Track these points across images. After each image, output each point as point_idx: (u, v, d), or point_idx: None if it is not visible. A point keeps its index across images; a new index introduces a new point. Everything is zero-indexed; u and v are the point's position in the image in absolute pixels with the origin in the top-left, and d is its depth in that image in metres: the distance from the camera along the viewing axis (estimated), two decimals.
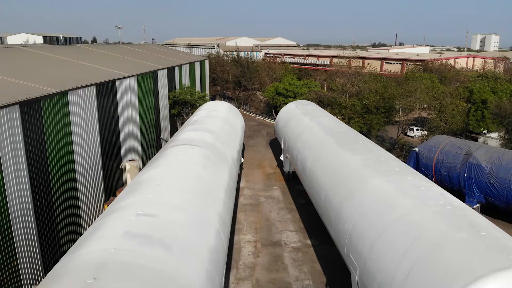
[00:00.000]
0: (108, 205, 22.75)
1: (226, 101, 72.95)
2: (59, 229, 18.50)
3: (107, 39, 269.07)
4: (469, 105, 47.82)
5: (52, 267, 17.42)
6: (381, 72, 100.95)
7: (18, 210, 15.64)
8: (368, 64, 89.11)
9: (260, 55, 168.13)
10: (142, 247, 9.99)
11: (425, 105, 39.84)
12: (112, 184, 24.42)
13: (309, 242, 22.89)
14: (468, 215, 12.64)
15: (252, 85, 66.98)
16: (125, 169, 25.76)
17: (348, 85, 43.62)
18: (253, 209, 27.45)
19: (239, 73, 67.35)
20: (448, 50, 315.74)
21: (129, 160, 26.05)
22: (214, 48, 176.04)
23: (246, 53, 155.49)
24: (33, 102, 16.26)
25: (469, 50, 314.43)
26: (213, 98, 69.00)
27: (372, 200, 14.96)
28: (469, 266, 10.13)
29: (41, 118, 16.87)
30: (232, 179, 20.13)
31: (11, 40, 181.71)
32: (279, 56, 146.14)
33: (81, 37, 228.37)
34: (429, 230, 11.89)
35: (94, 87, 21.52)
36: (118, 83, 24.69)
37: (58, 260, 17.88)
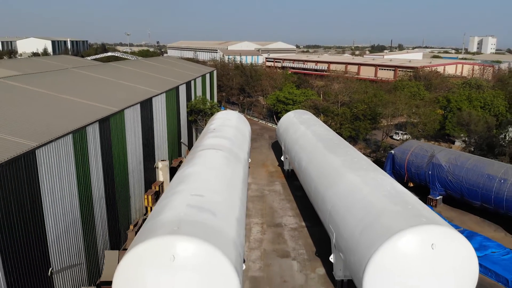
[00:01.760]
0: (147, 195, 29.44)
1: (231, 106, 79.58)
2: (118, 210, 25.03)
3: (114, 44, 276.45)
4: (445, 112, 54.36)
5: (114, 237, 24.00)
6: (375, 78, 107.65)
7: (96, 196, 22.17)
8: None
9: (261, 59, 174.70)
10: (199, 213, 16.56)
11: (405, 113, 46.32)
12: (149, 179, 30.96)
13: (303, 224, 29.50)
14: (404, 197, 19.22)
15: (255, 92, 73.57)
16: (158, 168, 32.37)
17: (339, 95, 50.22)
18: (259, 199, 34.05)
19: (243, 81, 73.90)
20: (446, 52, 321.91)
21: (161, 160, 32.68)
22: (217, 52, 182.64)
23: (247, 60, 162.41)
24: (106, 119, 22.81)
25: (466, 52, 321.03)
26: (219, 103, 75.43)
27: (345, 188, 21.59)
28: (396, 225, 16.71)
29: (109, 130, 23.40)
30: (245, 175, 26.69)
31: (21, 44, 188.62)
32: (279, 60, 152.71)
33: (87, 41, 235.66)
34: (377, 205, 18.51)
35: (139, 105, 28.08)
36: (153, 99, 31.27)
37: (118, 231, 24.52)
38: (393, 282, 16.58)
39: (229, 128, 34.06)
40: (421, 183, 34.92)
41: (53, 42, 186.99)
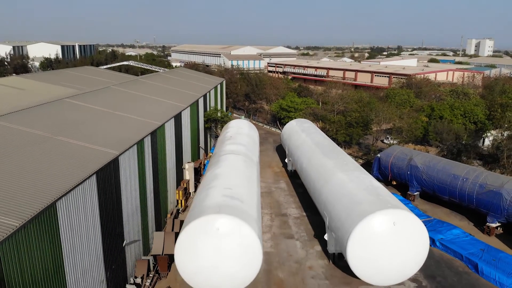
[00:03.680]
0: (178, 191, 36.43)
1: (237, 111, 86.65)
2: (160, 201, 32.10)
3: (116, 45, 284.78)
4: (430, 120, 61.28)
5: (157, 222, 30.99)
6: (371, 84, 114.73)
7: (148, 191, 29.20)
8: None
9: (263, 63, 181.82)
10: (231, 200, 23.62)
11: (392, 122, 53.42)
12: (179, 178, 38.07)
13: (304, 214, 36.59)
14: (378, 190, 26.30)
15: (260, 99, 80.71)
16: (185, 168, 39.45)
17: (335, 105, 57.34)
18: (267, 195, 41.12)
19: (249, 90, 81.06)
20: (444, 54, 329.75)
21: (187, 162, 39.77)
22: (220, 57, 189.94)
23: (250, 65, 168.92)
24: (154, 132, 29.87)
25: (464, 54, 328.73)
26: (226, 109, 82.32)
27: (336, 185, 28.70)
28: (369, 209, 23.75)
29: (156, 140, 30.45)
30: (258, 174, 33.82)
31: (31, 48, 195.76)
32: (280, 65, 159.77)
33: (93, 45, 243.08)
34: (357, 196, 25.60)
35: (173, 119, 35.17)
36: (182, 113, 38.37)
37: (160, 218, 31.55)
38: (367, 251, 23.63)
39: (242, 136, 41.17)
40: (402, 182, 41.96)
41: (62, 47, 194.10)
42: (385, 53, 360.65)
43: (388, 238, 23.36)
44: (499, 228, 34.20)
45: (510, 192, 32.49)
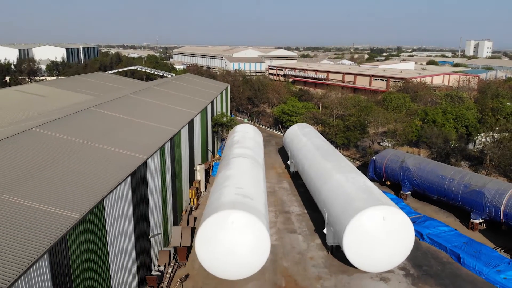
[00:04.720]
0: (191, 190, 40.13)
1: (240, 114, 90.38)
2: (177, 199, 35.84)
3: (117, 46, 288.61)
4: (424, 123, 64.95)
5: (174, 218, 34.73)
6: (369, 87, 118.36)
7: (168, 190, 32.91)
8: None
9: (264, 66, 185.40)
10: (243, 198, 27.32)
11: (386, 126, 57.17)
12: (191, 178, 41.77)
13: (305, 211, 40.31)
14: (371, 189, 30.02)
15: (262, 103, 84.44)
16: (196, 170, 43.19)
17: (334, 110, 61.09)
18: (271, 194, 44.83)
19: (252, 94, 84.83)
20: (443, 56, 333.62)
21: (199, 164, 43.51)
22: (222, 59, 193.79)
23: (251, 67, 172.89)
24: (173, 138, 33.59)
25: (463, 55, 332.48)
26: (230, 112, 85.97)
27: (333, 185, 32.42)
28: (362, 206, 27.45)
29: (174, 145, 34.16)
30: (263, 175, 37.54)
31: (37, 51, 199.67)
32: (281, 68, 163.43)
33: (96, 47, 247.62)
34: (352, 194, 29.34)
35: (187, 125, 38.91)
36: (194, 119, 42.10)
37: (176, 214, 35.23)
38: (361, 242, 27.32)
39: (249, 140, 44.93)
40: (395, 182, 45.69)
41: (67, 50, 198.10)
42: (384, 54, 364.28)
43: (379, 231, 27.06)
44: (482, 224, 37.74)
45: (491, 191, 36.14)
